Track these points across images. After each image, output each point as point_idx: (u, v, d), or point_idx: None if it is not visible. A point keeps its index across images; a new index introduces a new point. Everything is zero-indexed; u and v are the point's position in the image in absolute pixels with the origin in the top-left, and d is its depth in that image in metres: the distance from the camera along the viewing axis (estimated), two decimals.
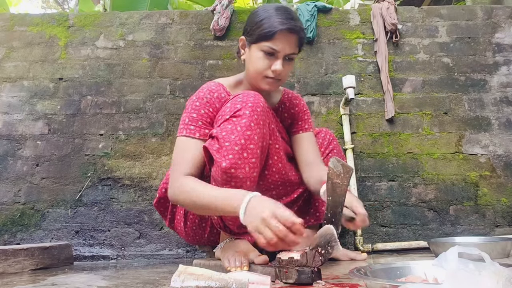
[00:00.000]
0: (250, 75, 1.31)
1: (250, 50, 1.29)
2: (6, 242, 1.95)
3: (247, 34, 1.31)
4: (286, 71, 1.29)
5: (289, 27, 1.22)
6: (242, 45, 1.35)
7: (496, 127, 2.10)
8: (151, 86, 2.20)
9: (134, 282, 1.13)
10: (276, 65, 1.24)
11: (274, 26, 1.21)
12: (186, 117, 1.27)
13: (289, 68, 1.30)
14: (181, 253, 1.94)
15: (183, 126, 1.26)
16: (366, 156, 2.07)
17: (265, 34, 1.22)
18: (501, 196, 2.00)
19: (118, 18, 2.33)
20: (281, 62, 1.25)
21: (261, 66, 1.25)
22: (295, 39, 1.26)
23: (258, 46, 1.25)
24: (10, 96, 2.19)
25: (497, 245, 1.35)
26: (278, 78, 1.28)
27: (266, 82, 1.28)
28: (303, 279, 0.91)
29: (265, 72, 1.26)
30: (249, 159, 1.13)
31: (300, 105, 1.51)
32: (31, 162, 2.08)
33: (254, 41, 1.26)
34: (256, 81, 1.29)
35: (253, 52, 1.27)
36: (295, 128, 1.49)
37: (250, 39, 1.28)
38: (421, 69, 2.20)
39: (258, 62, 1.26)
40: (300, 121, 1.49)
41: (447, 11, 2.29)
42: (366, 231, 1.95)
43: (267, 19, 1.23)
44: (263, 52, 1.24)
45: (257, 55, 1.25)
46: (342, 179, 0.95)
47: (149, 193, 2.02)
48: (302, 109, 1.51)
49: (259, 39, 1.24)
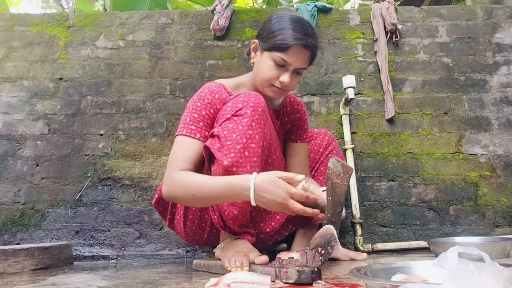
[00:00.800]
0: (257, 80, 1.32)
1: (261, 56, 1.30)
2: (6, 242, 1.95)
3: (261, 39, 1.31)
4: (293, 83, 1.30)
5: (305, 44, 1.23)
6: (254, 48, 1.35)
7: (496, 127, 2.10)
8: (151, 86, 2.20)
9: (134, 282, 1.13)
10: (284, 77, 1.25)
11: (290, 40, 1.21)
12: (187, 117, 1.27)
13: (296, 80, 1.32)
14: (181, 253, 1.94)
15: (184, 125, 1.26)
16: (366, 156, 2.07)
17: (279, 45, 1.23)
18: (501, 196, 2.00)
19: (118, 18, 2.33)
20: (289, 74, 1.26)
21: (270, 75, 1.27)
22: (308, 55, 1.27)
23: (271, 54, 1.25)
24: (10, 96, 2.19)
25: (497, 245, 1.35)
26: (283, 89, 1.29)
27: (272, 91, 1.30)
28: (303, 279, 0.91)
29: (272, 81, 1.28)
30: (251, 158, 1.14)
31: (301, 112, 1.54)
32: (31, 162, 2.08)
33: (267, 49, 1.27)
34: (262, 87, 1.31)
35: (265, 59, 1.28)
36: (294, 136, 1.53)
37: (264, 45, 1.28)
38: (421, 69, 2.20)
39: (267, 70, 1.27)
40: (299, 130, 1.53)
41: (447, 11, 2.29)
42: (366, 231, 1.95)
43: (284, 31, 1.23)
44: (274, 62, 1.25)
45: (268, 63, 1.26)
46: (342, 179, 0.95)
47: (149, 193, 2.02)
48: (303, 117, 1.55)
49: (273, 48, 1.24)
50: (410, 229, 1.96)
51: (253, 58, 1.36)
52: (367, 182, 2.03)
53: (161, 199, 1.45)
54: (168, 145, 2.09)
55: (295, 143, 1.53)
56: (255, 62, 1.34)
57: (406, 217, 1.98)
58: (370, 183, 2.03)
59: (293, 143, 1.53)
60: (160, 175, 2.04)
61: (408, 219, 1.98)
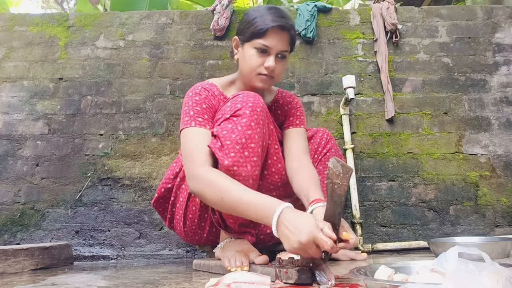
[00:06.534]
0: (243, 73, 1.33)
1: (243, 49, 1.31)
2: (6, 242, 1.95)
3: (240, 34, 1.33)
4: (279, 69, 1.30)
5: (281, 24, 1.24)
6: (235, 45, 1.37)
7: (496, 127, 2.10)
8: (151, 86, 2.20)
9: (134, 282, 1.13)
10: (269, 62, 1.26)
11: (266, 24, 1.23)
12: (190, 110, 1.26)
13: (282, 65, 1.31)
14: (181, 253, 1.94)
15: (189, 118, 1.23)
16: (366, 156, 2.07)
17: (257, 31, 1.24)
18: (501, 196, 2.00)
19: (118, 18, 2.33)
20: (273, 58, 1.26)
21: (254, 63, 1.27)
22: (287, 37, 1.28)
23: (251, 44, 1.27)
24: (10, 96, 2.19)
25: (497, 245, 1.35)
26: (271, 75, 1.29)
27: (260, 80, 1.29)
28: (303, 279, 0.91)
29: (258, 69, 1.28)
30: (251, 158, 1.14)
31: (293, 102, 1.51)
32: (31, 162, 2.08)
33: (247, 39, 1.28)
34: (250, 78, 1.31)
35: (246, 50, 1.29)
36: (286, 124, 1.47)
37: (243, 37, 1.30)
38: (421, 69, 2.20)
39: (251, 59, 1.28)
40: (291, 116, 1.47)
41: (447, 11, 2.29)
42: (366, 231, 1.95)
43: (259, 18, 1.26)
44: (255, 50, 1.26)
45: (250, 52, 1.27)
46: (342, 179, 0.94)
47: (149, 193, 2.02)
48: (295, 106, 1.50)
49: (251, 37, 1.26)
50: (410, 229, 1.96)
51: (236, 55, 1.37)
52: (367, 182, 2.03)
53: (160, 198, 1.45)
54: (168, 145, 2.09)
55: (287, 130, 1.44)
56: (238, 57, 1.35)
57: (406, 217, 1.98)
58: (370, 183, 2.03)
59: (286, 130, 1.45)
60: (160, 175, 2.04)
61: (408, 219, 1.98)
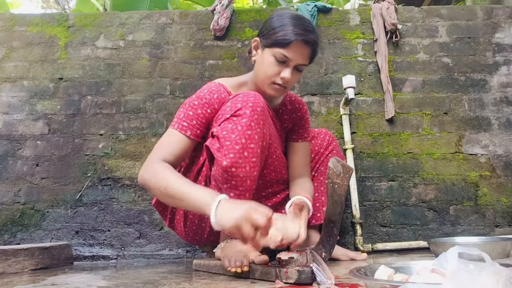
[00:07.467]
0: (258, 77, 1.33)
1: (262, 53, 1.30)
2: (6, 242, 1.95)
3: (262, 37, 1.31)
4: (293, 80, 1.30)
5: (306, 40, 1.23)
6: (255, 46, 1.35)
7: (496, 127, 2.10)
8: (151, 86, 2.20)
9: (134, 282, 1.13)
10: (285, 73, 1.25)
11: (291, 35, 1.22)
12: (182, 113, 1.28)
13: (297, 77, 1.32)
14: (181, 253, 1.94)
15: (177, 120, 1.27)
16: (366, 156, 2.07)
17: (281, 41, 1.23)
18: (501, 196, 2.00)
19: (118, 18, 2.33)
20: (290, 70, 1.26)
21: (271, 71, 1.27)
22: (309, 51, 1.27)
23: (272, 51, 1.26)
24: (10, 96, 2.19)
25: (497, 245, 1.35)
26: (284, 86, 1.29)
27: (273, 88, 1.30)
28: (303, 279, 0.91)
29: (273, 78, 1.27)
30: (250, 158, 1.14)
31: (302, 110, 1.54)
32: (31, 162, 2.08)
33: (268, 45, 1.27)
34: (263, 85, 1.31)
35: (266, 56, 1.28)
36: (295, 135, 1.53)
37: (265, 42, 1.28)
38: (421, 69, 2.20)
39: (268, 67, 1.27)
40: (301, 129, 1.53)
41: (447, 11, 2.29)
42: (366, 231, 1.95)
43: (286, 27, 1.24)
44: (275, 58, 1.25)
45: (269, 59, 1.26)
46: (342, 179, 0.95)
47: (149, 193, 2.02)
48: (304, 115, 1.54)
49: (273, 44, 1.25)
50: (410, 229, 1.96)
51: (254, 56, 1.36)
52: (367, 182, 2.03)
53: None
54: None
55: (296, 143, 1.52)
56: (256, 60, 1.34)
57: (406, 217, 1.98)
58: (370, 183, 2.03)
59: (294, 143, 1.52)
60: None
61: (408, 219, 1.98)
